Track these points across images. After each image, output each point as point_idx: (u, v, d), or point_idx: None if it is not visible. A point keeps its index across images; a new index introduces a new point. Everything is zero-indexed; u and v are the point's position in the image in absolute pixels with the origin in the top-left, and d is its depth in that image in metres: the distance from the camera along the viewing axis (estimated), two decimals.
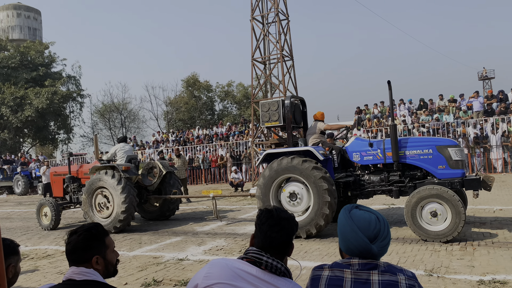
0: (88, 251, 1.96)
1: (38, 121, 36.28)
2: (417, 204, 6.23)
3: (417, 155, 6.77)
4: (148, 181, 9.85)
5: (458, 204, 5.97)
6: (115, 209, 8.84)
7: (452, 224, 5.98)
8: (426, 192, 6.19)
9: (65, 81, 39.11)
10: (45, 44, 40.52)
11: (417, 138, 7.76)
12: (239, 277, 1.75)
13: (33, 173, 24.37)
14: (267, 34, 17.32)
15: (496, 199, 9.81)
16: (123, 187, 8.78)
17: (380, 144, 7.13)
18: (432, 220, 6.18)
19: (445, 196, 6.06)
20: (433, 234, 6.12)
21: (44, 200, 10.25)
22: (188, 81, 41.84)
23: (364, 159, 7.23)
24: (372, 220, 1.71)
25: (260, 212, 1.93)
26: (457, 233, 5.98)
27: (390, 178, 7.09)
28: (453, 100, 19.76)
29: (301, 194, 7.07)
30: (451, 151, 6.59)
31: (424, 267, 5.02)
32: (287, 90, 16.84)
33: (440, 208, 6.13)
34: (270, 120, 7.80)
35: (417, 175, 6.93)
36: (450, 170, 6.56)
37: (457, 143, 7.08)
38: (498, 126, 17.09)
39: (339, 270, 1.68)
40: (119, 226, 8.82)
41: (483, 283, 4.32)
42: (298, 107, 8.41)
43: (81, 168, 10.60)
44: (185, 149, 23.68)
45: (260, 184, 7.41)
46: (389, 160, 6.97)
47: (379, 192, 7.24)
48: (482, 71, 54.29)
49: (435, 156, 6.64)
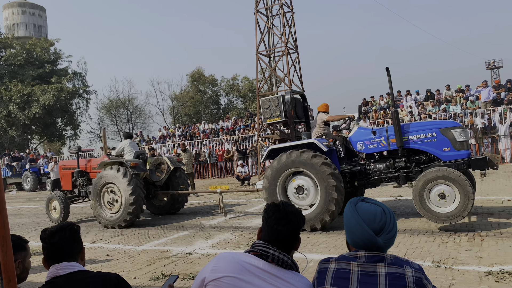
0: (78, 244, 2.07)
1: (45, 118, 36.53)
2: (424, 187, 6.20)
3: (421, 139, 6.74)
4: (156, 177, 9.90)
5: (465, 184, 5.92)
6: (123, 202, 8.89)
7: (461, 205, 5.94)
8: (433, 175, 6.16)
9: (71, 78, 39.31)
10: (50, 41, 40.68)
11: (420, 122, 7.72)
12: (246, 270, 1.76)
13: (42, 169, 24.59)
14: (272, 26, 17.22)
15: (505, 190, 9.74)
16: (129, 179, 8.83)
17: (383, 131, 7.11)
18: (441, 202, 6.14)
19: (451, 177, 6.02)
20: (443, 216, 6.08)
21: (53, 194, 10.39)
22: (193, 76, 41.84)
23: (368, 147, 7.20)
24: (377, 213, 1.71)
25: (267, 206, 1.94)
26: (466, 212, 5.92)
27: (395, 165, 7.05)
28: (460, 90, 19.56)
29: (308, 188, 7.06)
30: (454, 133, 6.55)
31: (431, 259, 5.01)
32: (292, 83, 16.78)
33: (448, 189, 6.09)
34: (272, 117, 7.78)
35: (423, 160, 6.89)
36: (455, 151, 6.52)
37: (460, 124, 7.03)
38: (506, 116, 16.91)
39: (346, 263, 1.68)
40: (128, 219, 8.87)
41: (491, 274, 4.30)
42: (299, 102, 8.39)
43: (90, 162, 10.68)
44: (191, 144, 23.74)
45: (268, 175, 7.41)
46: (393, 146, 6.94)
47: (385, 179, 7.20)
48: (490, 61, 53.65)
49: (439, 139, 6.61)
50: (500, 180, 11.44)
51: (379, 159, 7.39)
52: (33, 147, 39.01)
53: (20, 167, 25.89)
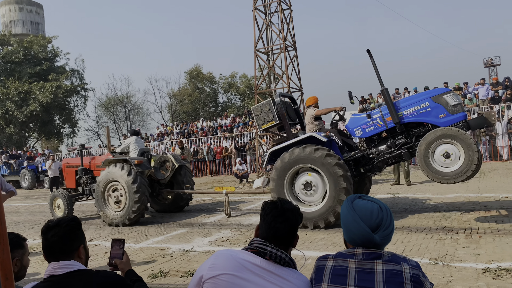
0: (76, 241, 1.99)
1: (43, 115, 36.42)
2: (427, 150, 6.22)
3: (416, 111, 6.77)
4: (160, 175, 9.87)
5: (465, 137, 5.93)
6: (128, 200, 8.85)
7: (467, 159, 5.95)
8: (432, 136, 6.20)
9: (69, 75, 39.17)
10: (48, 38, 40.52)
11: (411, 96, 7.75)
12: (243, 267, 1.76)
13: (40, 167, 24.55)
14: (270, 24, 17.19)
15: (502, 187, 9.77)
16: (133, 177, 8.80)
17: (377, 112, 7.14)
18: (447, 162, 6.16)
19: (451, 133, 6.05)
20: (452, 174, 6.09)
21: (57, 192, 10.43)
22: (191, 73, 41.75)
23: (367, 131, 7.22)
24: (374, 210, 1.71)
25: (264, 204, 1.95)
26: (474, 165, 5.91)
27: (397, 143, 7.07)
28: (458, 88, 19.59)
29: (316, 183, 7.04)
30: (447, 98, 6.60)
31: (429, 256, 5.03)
32: (290, 80, 16.76)
33: (451, 147, 6.11)
34: (266, 122, 7.74)
35: (422, 131, 6.91)
36: (451, 116, 6.55)
37: (449, 89, 7.10)
38: (504, 114, 16.94)
39: (343, 260, 1.69)
40: (133, 217, 8.83)
41: (488, 271, 4.32)
42: (290, 105, 8.40)
43: (94, 160, 10.66)
44: (190, 141, 23.72)
45: (274, 176, 7.39)
46: (390, 124, 6.96)
47: (389, 160, 7.19)
48: (488, 59, 53.73)
49: (433, 107, 6.64)
50: (497, 177, 11.47)
51: (379, 141, 7.39)
52: (31, 145, 38.90)
53: (18, 165, 25.82)
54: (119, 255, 2.27)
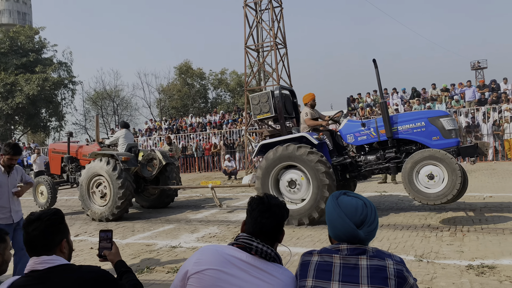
0: (58, 235, 1.93)
1: (29, 108, 35.82)
2: (413, 169, 6.25)
3: (410, 129, 6.79)
4: (147, 172, 9.76)
5: (451, 161, 5.98)
6: (112, 195, 8.78)
7: (450, 183, 5.99)
8: (419, 156, 6.23)
9: (56, 68, 38.53)
10: (35, 29, 39.79)
11: (409, 112, 7.75)
12: (229, 262, 1.76)
13: (25, 161, 24.18)
14: (260, 21, 17.15)
15: (487, 186, 9.93)
16: (119, 172, 8.72)
17: (373, 123, 7.15)
18: (430, 183, 6.19)
19: (437, 156, 6.08)
20: (433, 196, 6.12)
21: (40, 179, 10.24)
22: (181, 69, 41.49)
23: (358, 139, 7.24)
24: (358, 206, 1.73)
25: (251, 199, 1.95)
26: (456, 190, 5.96)
27: (386, 156, 7.09)
28: (445, 89, 19.84)
29: (300, 181, 7.08)
30: (443, 121, 6.62)
31: (414, 253, 5.09)
32: (280, 78, 16.77)
33: (436, 169, 6.14)
34: (262, 112, 7.74)
35: (413, 149, 6.93)
36: (444, 140, 6.57)
37: (449, 113, 7.11)
38: (490, 115, 17.21)
39: (328, 256, 1.70)
40: (116, 213, 8.77)
41: (471, 268, 4.39)
42: (288, 97, 8.38)
43: (81, 149, 10.51)
44: (178, 137, 23.60)
45: (259, 175, 7.41)
46: (383, 137, 6.98)
47: (376, 171, 7.23)
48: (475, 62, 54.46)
49: (428, 128, 6.66)
50: (482, 177, 11.66)
51: (370, 151, 7.42)
52: (17, 138, 38.30)
53: None
54: (108, 246, 2.25)
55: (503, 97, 17.69)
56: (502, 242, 5.29)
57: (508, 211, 7.03)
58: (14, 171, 4.81)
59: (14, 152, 4.60)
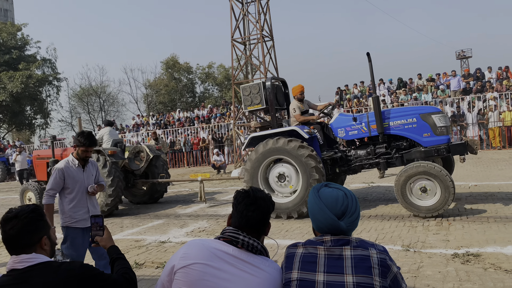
0: (37, 233, 1.87)
1: (13, 105, 35.23)
2: (406, 182, 6.29)
3: (402, 125, 6.79)
4: (135, 165, 9.73)
5: (446, 179, 6.04)
6: (101, 195, 8.73)
7: (442, 199, 6.07)
8: (414, 170, 6.24)
9: (40, 64, 37.89)
10: (17, 26, 39.01)
11: (401, 108, 7.72)
12: (215, 256, 1.76)
13: (10, 159, 23.80)
14: (247, 14, 17.07)
15: (472, 175, 10.09)
16: (109, 170, 8.66)
17: (364, 117, 7.14)
18: (423, 196, 6.26)
19: (432, 172, 6.12)
20: (425, 209, 6.21)
21: (27, 185, 10.12)
22: (168, 63, 41.16)
23: (349, 134, 7.24)
24: (339, 197, 1.74)
25: (237, 193, 1.95)
26: (447, 206, 6.08)
27: (376, 151, 7.10)
28: (431, 79, 20.04)
29: (290, 175, 7.08)
30: (435, 118, 6.63)
31: (401, 243, 5.15)
32: (267, 71, 16.74)
33: (429, 183, 6.20)
34: (253, 104, 7.69)
35: (403, 145, 6.97)
36: (435, 137, 6.61)
37: (440, 109, 7.14)
38: (474, 105, 17.44)
39: (313, 247, 1.71)
40: (106, 210, 8.73)
41: (457, 256, 4.46)
42: (280, 88, 8.32)
43: (65, 152, 10.41)
44: (166, 132, 23.46)
45: (248, 168, 7.39)
46: (374, 132, 6.99)
47: (366, 166, 7.24)
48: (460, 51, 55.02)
49: (419, 125, 6.67)
50: (467, 166, 11.83)
51: (360, 146, 7.44)
52: (1, 136, 37.66)
53: None
54: (100, 233, 2.24)
55: (488, 85, 17.95)
56: (486, 230, 5.38)
57: (492, 200, 7.15)
58: (89, 165, 4.15)
59: (89, 143, 3.95)
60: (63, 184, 4.00)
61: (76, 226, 4.03)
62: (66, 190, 4.04)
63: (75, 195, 4.03)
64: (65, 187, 4.02)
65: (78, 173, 4.04)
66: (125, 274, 1.97)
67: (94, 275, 1.84)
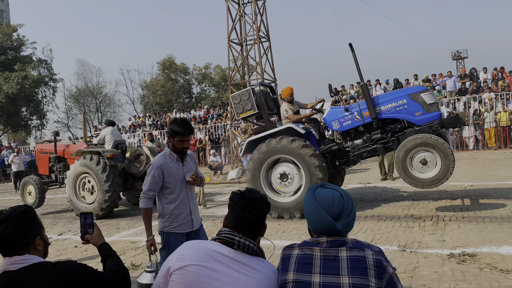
0: (29, 234, 1.86)
1: (9, 107, 35.03)
2: (406, 156, 6.35)
3: (393, 107, 6.88)
4: (134, 168, 9.68)
5: (444, 146, 6.11)
6: (98, 196, 8.73)
7: (443, 168, 6.13)
8: (411, 143, 6.32)
9: (36, 65, 37.71)
10: (13, 27, 38.83)
11: (389, 92, 7.81)
12: (211, 258, 1.76)
13: (6, 160, 23.68)
14: (243, 14, 17.08)
15: (468, 176, 10.13)
16: (107, 175, 8.63)
17: (356, 107, 7.20)
18: (424, 168, 6.31)
19: (430, 142, 6.20)
20: (428, 181, 6.26)
21: (28, 178, 10.13)
22: (164, 64, 41.07)
23: (344, 125, 7.27)
24: (335, 198, 1.74)
25: (232, 194, 1.95)
26: (450, 174, 6.13)
27: (372, 137, 7.14)
28: (427, 80, 20.12)
29: (292, 174, 7.09)
30: (424, 96, 6.74)
31: (398, 243, 5.17)
32: (264, 71, 16.75)
33: (429, 155, 6.26)
34: (244, 111, 7.71)
35: (398, 128, 7.03)
36: (427, 114, 6.69)
37: (427, 87, 7.24)
38: (470, 105, 17.52)
39: (309, 248, 1.71)
40: (101, 214, 8.73)
41: (453, 256, 4.48)
42: (268, 94, 8.37)
43: (68, 148, 10.42)
44: (163, 133, 23.42)
45: (250, 167, 7.40)
46: (367, 119, 7.04)
47: (364, 154, 7.27)
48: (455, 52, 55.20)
49: (410, 105, 6.76)
50: (463, 166, 11.88)
51: (356, 135, 7.47)
52: None
53: None
54: (90, 230, 2.23)
55: (484, 86, 18.04)
56: (482, 230, 5.41)
57: (488, 200, 7.19)
58: (188, 158, 3.55)
59: (185, 131, 3.32)
60: (162, 183, 3.45)
61: (177, 232, 3.55)
62: (166, 190, 3.50)
63: (176, 195, 3.50)
64: (165, 186, 3.48)
65: (178, 169, 3.44)
66: (118, 272, 1.98)
67: (88, 273, 1.84)
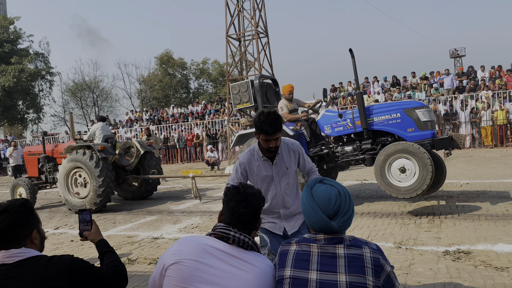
0: (27, 227, 1.86)
1: (5, 100, 34.85)
2: (385, 161, 6.29)
3: (386, 120, 6.79)
4: (125, 161, 9.70)
5: (423, 156, 6.02)
6: (91, 190, 8.73)
7: (420, 178, 6.04)
8: (393, 148, 6.27)
9: (33, 58, 37.46)
10: (9, 19, 38.54)
11: (385, 103, 7.72)
12: (206, 252, 1.76)
13: (2, 154, 23.61)
14: (242, 10, 17.02)
15: (464, 174, 10.16)
16: (100, 169, 8.63)
17: (349, 114, 7.15)
18: (401, 177, 6.25)
19: (410, 149, 6.12)
20: (403, 189, 6.18)
21: (18, 180, 10.06)
22: (162, 58, 40.92)
23: (335, 130, 7.24)
24: (332, 196, 1.72)
25: (227, 189, 1.95)
26: (425, 185, 6.01)
27: (362, 147, 7.10)
28: (425, 78, 20.14)
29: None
30: (419, 113, 6.61)
31: (393, 240, 5.18)
32: (262, 67, 16.72)
33: (408, 163, 6.20)
34: (241, 102, 7.70)
35: (388, 141, 6.96)
36: (419, 132, 6.57)
37: (425, 104, 7.14)
38: (467, 103, 17.57)
39: (306, 245, 1.71)
40: (94, 209, 8.71)
41: (448, 254, 4.50)
42: (271, 86, 8.33)
43: (56, 148, 10.36)
44: (160, 128, 23.37)
45: None
46: (359, 128, 6.99)
47: (353, 162, 7.24)
48: (453, 50, 55.28)
49: (403, 120, 6.66)
50: (459, 164, 11.93)
51: (347, 142, 7.45)
52: None
53: None
54: (88, 227, 2.24)
55: (481, 84, 18.07)
56: (477, 228, 5.43)
57: (483, 198, 7.21)
58: (282, 154, 3.06)
59: (272, 129, 2.84)
60: (246, 181, 3.11)
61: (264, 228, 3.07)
62: None
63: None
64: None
65: (266, 168, 3.06)
66: (115, 267, 1.98)
67: (84, 268, 1.84)
